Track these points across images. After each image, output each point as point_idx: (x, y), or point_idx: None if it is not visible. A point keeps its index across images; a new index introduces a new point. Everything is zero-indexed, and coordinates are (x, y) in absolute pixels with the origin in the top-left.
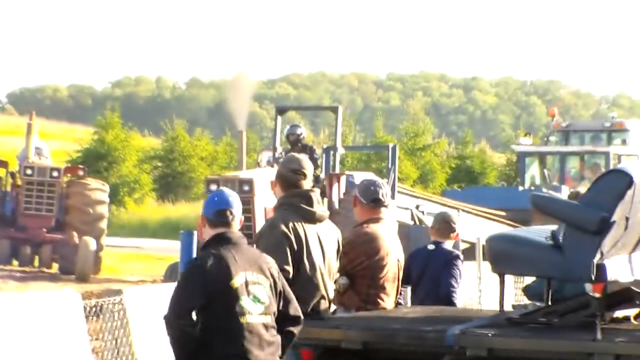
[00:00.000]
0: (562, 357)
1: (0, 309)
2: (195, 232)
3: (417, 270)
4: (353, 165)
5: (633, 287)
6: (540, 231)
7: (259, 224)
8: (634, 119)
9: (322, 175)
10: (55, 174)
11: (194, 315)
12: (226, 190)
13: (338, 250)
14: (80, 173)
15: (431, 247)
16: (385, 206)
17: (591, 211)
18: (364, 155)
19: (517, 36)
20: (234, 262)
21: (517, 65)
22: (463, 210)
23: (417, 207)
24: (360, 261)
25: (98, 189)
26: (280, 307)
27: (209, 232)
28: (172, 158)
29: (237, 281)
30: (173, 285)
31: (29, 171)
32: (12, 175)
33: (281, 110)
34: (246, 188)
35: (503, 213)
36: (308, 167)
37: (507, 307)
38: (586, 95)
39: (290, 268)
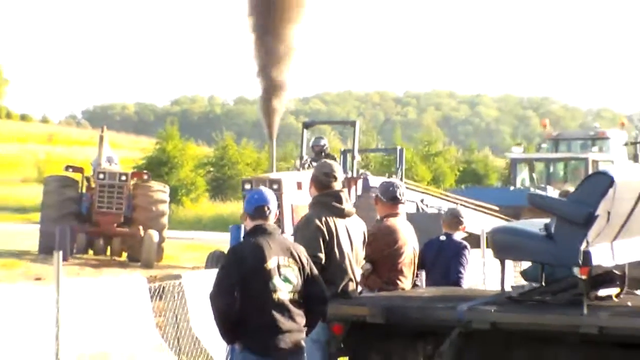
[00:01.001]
0: (554, 330)
1: (80, 291)
2: (243, 225)
3: (431, 257)
4: (376, 168)
5: (614, 270)
6: (535, 224)
7: (287, 217)
8: (614, 128)
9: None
10: (123, 178)
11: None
12: (264, 189)
13: (363, 241)
14: (145, 177)
15: (443, 238)
16: (402, 203)
17: (579, 207)
18: (385, 160)
19: (516, 59)
20: (269, 248)
21: (516, 84)
22: (461, 205)
23: (422, 200)
24: (382, 250)
25: (160, 190)
26: (309, 288)
27: (249, 224)
28: (222, 164)
29: (270, 264)
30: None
31: (101, 176)
32: (87, 179)
33: (307, 125)
34: (275, 187)
35: (497, 208)
36: (338, 171)
37: (507, 288)
38: (574, 109)
39: (322, 255)
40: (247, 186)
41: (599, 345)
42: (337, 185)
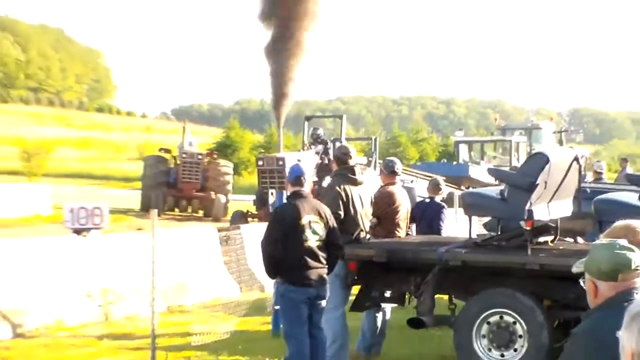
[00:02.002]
0: (507, 266)
1: (169, 237)
2: (285, 191)
3: (419, 214)
4: (359, 152)
5: (549, 223)
6: (494, 190)
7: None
8: (546, 121)
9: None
10: (199, 157)
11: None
12: (301, 164)
13: (371, 202)
14: (215, 156)
15: (427, 200)
16: (399, 175)
17: (524, 178)
18: (366, 147)
19: (479, 70)
20: (303, 208)
21: (479, 89)
22: (415, 176)
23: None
24: (384, 209)
25: (225, 165)
26: (330, 238)
27: (290, 189)
28: (269, 147)
29: (304, 220)
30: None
31: (184, 155)
32: (174, 158)
33: (308, 118)
34: (280, 163)
35: (444, 178)
36: (352, 152)
37: (474, 236)
38: (520, 108)
39: (341, 212)
40: (260, 162)
41: (539, 278)
42: (351, 162)
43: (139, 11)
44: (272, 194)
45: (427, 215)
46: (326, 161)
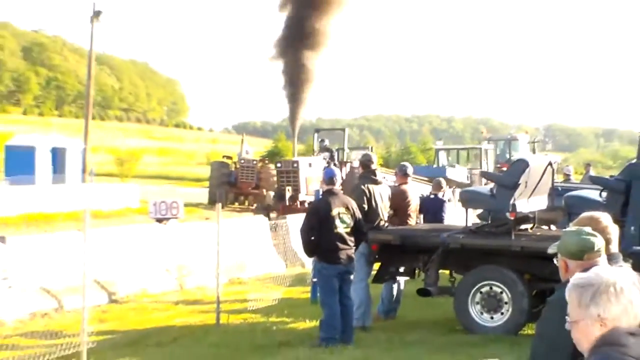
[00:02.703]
0: (495, 248)
1: (232, 225)
2: (320, 189)
3: (426, 207)
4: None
5: (529, 214)
6: (485, 188)
7: (302, 182)
8: (522, 134)
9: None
10: (254, 162)
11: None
12: (334, 167)
13: (389, 197)
14: (266, 162)
15: (432, 196)
16: (410, 176)
17: (509, 178)
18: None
19: (475, 92)
20: (334, 203)
21: (474, 108)
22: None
23: (384, 177)
24: (399, 202)
25: (274, 169)
26: (356, 226)
27: (324, 187)
28: (307, 153)
29: (334, 212)
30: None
31: (242, 161)
32: (235, 163)
33: (317, 130)
34: (295, 165)
35: (427, 179)
36: (374, 159)
37: (469, 224)
38: (506, 124)
39: (365, 206)
40: (279, 165)
41: (521, 257)
42: (373, 167)
43: (206, 47)
44: (288, 190)
45: (432, 208)
46: (331, 165)
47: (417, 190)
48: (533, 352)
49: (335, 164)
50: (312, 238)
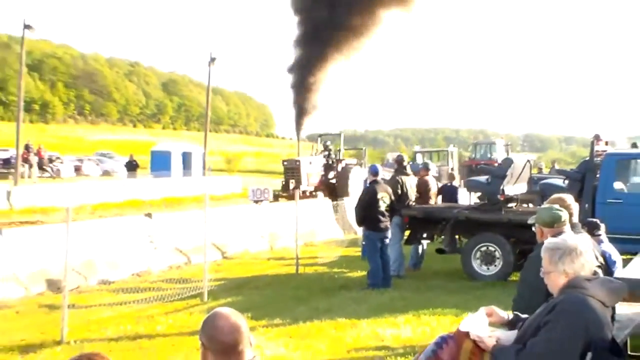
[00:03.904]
0: (491, 220)
1: (305, 206)
2: (367, 179)
3: (444, 192)
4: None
5: (514, 196)
6: (483, 178)
7: (303, 177)
8: (499, 139)
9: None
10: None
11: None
12: (378, 164)
13: (415, 185)
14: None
15: (449, 184)
16: (430, 170)
17: (500, 171)
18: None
19: (474, 111)
20: (379, 190)
21: (473, 122)
22: (387, 172)
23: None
24: (422, 189)
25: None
26: (391, 206)
27: (371, 179)
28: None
29: (378, 196)
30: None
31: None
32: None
33: (320, 135)
34: (297, 163)
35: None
36: (405, 158)
37: (472, 203)
38: (494, 133)
39: (399, 191)
40: (285, 162)
41: (509, 226)
42: (404, 163)
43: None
44: (292, 182)
45: (449, 193)
46: (330, 162)
47: (433, 180)
48: (518, 292)
49: (332, 161)
50: (363, 213)
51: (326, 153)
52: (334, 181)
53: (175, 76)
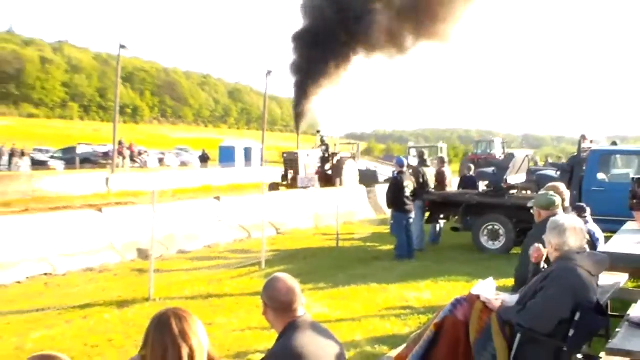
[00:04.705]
0: (496, 203)
1: (344, 190)
2: (395, 170)
3: (464, 182)
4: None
5: (515, 185)
6: (490, 169)
7: (301, 168)
8: (497, 137)
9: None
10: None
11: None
12: (403, 157)
13: (434, 175)
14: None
15: (467, 175)
16: (446, 163)
17: (504, 163)
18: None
19: (484, 116)
20: (404, 178)
21: (483, 124)
22: (380, 163)
23: (375, 167)
24: (439, 179)
25: (370, 163)
26: (414, 192)
27: (397, 169)
28: (388, 152)
29: (405, 184)
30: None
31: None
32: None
33: (318, 131)
34: (295, 155)
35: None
36: (426, 153)
37: (481, 190)
38: (497, 133)
39: (421, 180)
40: (285, 155)
41: (512, 208)
42: (425, 157)
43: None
44: (290, 173)
45: (469, 182)
46: (326, 155)
47: (449, 171)
48: (519, 263)
49: (328, 154)
50: (392, 197)
51: (323, 147)
52: (329, 172)
53: (240, 86)
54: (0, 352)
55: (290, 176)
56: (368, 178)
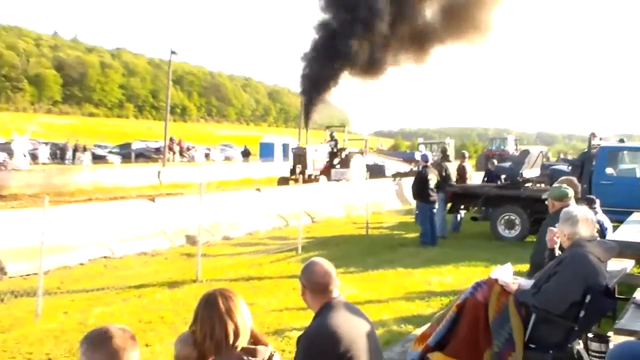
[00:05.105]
0: (513, 195)
1: (375, 183)
2: (421, 165)
3: (488, 175)
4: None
5: (529, 178)
6: (507, 164)
7: (309, 163)
8: (511, 135)
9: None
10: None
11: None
12: (428, 153)
13: (456, 169)
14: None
15: (491, 169)
16: (467, 158)
17: (520, 158)
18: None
19: (501, 116)
20: (429, 172)
21: (500, 122)
22: (387, 158)
23: (383, 161)
24: (460, 172)
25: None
26: (438, 184)
27: (423, 164)
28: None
29: (429, 177)
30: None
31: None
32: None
33: (327, 127)
34: (304, 150)
35: (402, 159)
36: (448, 149)
37: (500, 182)
38: (511, 130)
39: (444, 174)
40: (294, 150)
41: (527, 200)
42: (447, 153)
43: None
44: (298, 167)
45: (491, 176)
46: (335, 150)
47: (469, 165)
48: (534, 249)
49: (337, 149)
50: (418, 188)
51: (333, 142)
52: (338, 167)
53: (278, 87)
54: (67, 326)
55: (298, 170)
56: (375, 172)
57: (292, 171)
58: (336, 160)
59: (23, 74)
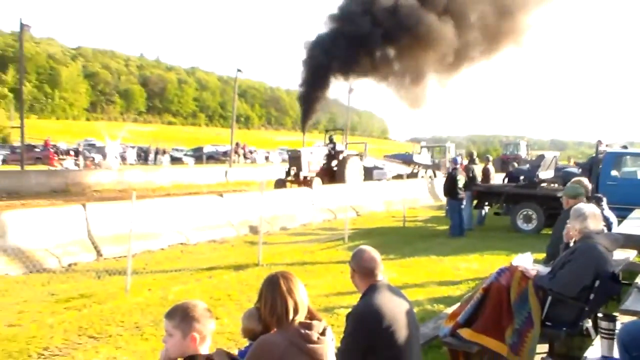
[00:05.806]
0: (530, 194)
1: (409, 183)
2: (450, 167)
3: (510, 175)
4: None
5: (545, 179)
6: (525, 167)
7: (304, 165)
8: (522, 140)
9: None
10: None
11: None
12: (458, 157)
13: (481, 171)
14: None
15: (512, 171)
16: (490, 161)
17: (536, 162)
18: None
19: (513, 123)
20: (458, 173)
21: (513, 130)
22: (389, 161)
23: (383, 164)
24: (485, 174)
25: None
26: (466, 184)
27: (453, 166)
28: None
29: (459, 177)
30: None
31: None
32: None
33: (327, 130)
34: (299, 153)
35: (400, 161)
36: (475, 153)
37: (519, 182)
38: (527, 137)
39: (471, 175)
40: (289, 152)
41: (543, 198)
42: (474, 157)
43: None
44: (293, 169)
45: (514, 176)
46: (332, 152)
47: (492, 168)
48: (551, 240)
49: (335, 152)
50: (448, 187)
51: (331, 145)
52: (335, 169)
53: (327, 100)
54: (151, 300)
55: (292, 172)
56: (375, 174)
57: (288, 173)
58: (334, 163)
59: (115, 89)
